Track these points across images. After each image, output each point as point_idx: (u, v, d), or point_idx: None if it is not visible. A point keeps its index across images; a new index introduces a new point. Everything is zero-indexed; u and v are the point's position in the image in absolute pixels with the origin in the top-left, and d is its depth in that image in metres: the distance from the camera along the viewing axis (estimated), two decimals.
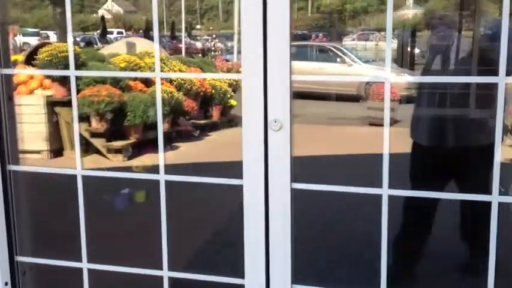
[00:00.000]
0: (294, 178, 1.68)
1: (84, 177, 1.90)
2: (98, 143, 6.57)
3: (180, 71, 8.07)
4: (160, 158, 1.83)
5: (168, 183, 1.88)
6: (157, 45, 1.86)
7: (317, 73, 11.28)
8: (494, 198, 1.62)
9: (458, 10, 3.19)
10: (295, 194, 1.70)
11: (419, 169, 3.06)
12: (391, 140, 3.06)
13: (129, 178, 5.49)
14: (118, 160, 6.51)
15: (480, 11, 3.36)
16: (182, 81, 7.78)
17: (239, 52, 18.12)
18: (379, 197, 1.67)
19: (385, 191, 1.59)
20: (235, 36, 21.77)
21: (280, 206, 1.66)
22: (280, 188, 1.65)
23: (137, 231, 3.88)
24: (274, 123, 1.60)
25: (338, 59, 13.58)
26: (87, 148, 6.47)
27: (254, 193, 1.69)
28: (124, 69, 7.12)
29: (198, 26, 48.75)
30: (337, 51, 13.92)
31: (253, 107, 1.64)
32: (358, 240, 3.61)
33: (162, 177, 1.84)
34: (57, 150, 6.66)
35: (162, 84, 7.51)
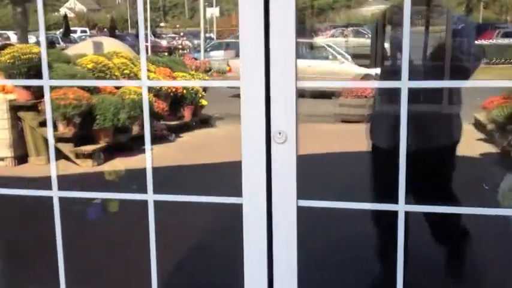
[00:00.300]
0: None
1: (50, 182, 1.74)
2: (66, 148, 6.28)
3: (149, 71, 7.82)
4: (148, 177, 1.65)
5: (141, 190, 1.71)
6: (143, 51, 1.66)
7: (307, 71, 10.99)
8: None
9: (422, 5, 3.07)
10: None
11: (381, 175, 2.83)
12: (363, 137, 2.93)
13: (102, 186, 5.24)
14: (87, 166, 6.24)
15: (444, 6, 3.28)
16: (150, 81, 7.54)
17: (205, 50, 17.87)
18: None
19: (401, 207, 1.46)
20: (202, 34, 21.54)
21: (284, 226, 1.51)
22: (285, 206, 1.50)
23: (114, 247, 3.66)
24: (278, 135, 1.45)
25: (330, 56, 13.35)
26: (54, 154, 6.17)
27: (255, 213, 1.53)
28: (92, 70, 6.85)
29: (162, 24, 48.08)
30: (328, 48, 13.73)
31: (255, 118, 1.48)
32: (366, 258, 3.28)
33: (150, 197, 1.66)
34: (21, 157, 6.35)
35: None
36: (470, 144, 5.67)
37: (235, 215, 1.61)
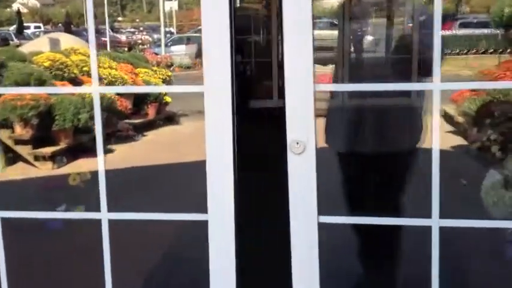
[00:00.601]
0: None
1: (10, 187, 1.57)
2: (24, 150, 6.01)
3: (110, 68, 7.55)
4: (102, 191, 1.49)
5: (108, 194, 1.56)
6: (94, 54, 1.49)
7: None
8: None
9: None
10: None
11: (346, 184, 2.61)
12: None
13: (65, 190, 4.96)
14: (47, 168, 5.98)
15: None
16: (113, 79, 7.29)
17: (166, 45, 17.58)
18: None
19: (435, 222, 1.33)
20: (162, 29, 21.14)
21: (305, 245, 1.37)
22: (305, 223, 1.36)
23: (80, 262, 3.41)
24: (295, 145, 1.30)
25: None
26: (12, 157, 5.91)
27: (222, 231, 1.39)
28: (49, 68, 6.56)
29: (120, 18, 47.10)
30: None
31: (221, 127, 1.33)
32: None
33: (104, 215, 1.50)
34: None
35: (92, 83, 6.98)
36: (440, 137, 5.63)
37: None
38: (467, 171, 4.30)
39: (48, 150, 6.02)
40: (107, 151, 6.49)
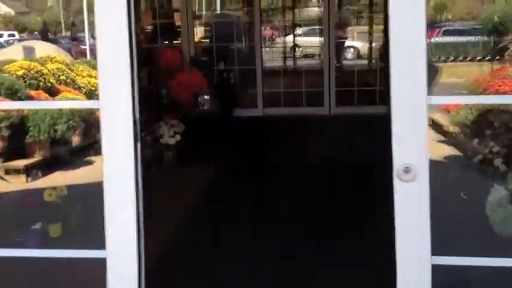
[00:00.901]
0: None
1: None
2: None
3: (90, 76, 7.34)
4: None
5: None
6: None
7: None
8: None
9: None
10: None
11: None
12: None
13: (40, 207, 4.64)
14: (21, 182, 5.69)
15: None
16: (92, 88, 7.06)
17: None
18: None
19: None
20: None
21: None
22: (415, 264, 1.11)
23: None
24: (405, 169, 1.06)
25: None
26: None
27: (123, 271, 1.15)
28: (22, 77, 6.29)
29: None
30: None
31: (117, 144, 1.14)
32: None
33: None
34: None
35: (70, 92, 6.71)
36: (431, 147, 5.45)
37: None
38: (465, 183, 4.12)
39: (20, 163, 5.74)
40: (85, 163, 6.13)
